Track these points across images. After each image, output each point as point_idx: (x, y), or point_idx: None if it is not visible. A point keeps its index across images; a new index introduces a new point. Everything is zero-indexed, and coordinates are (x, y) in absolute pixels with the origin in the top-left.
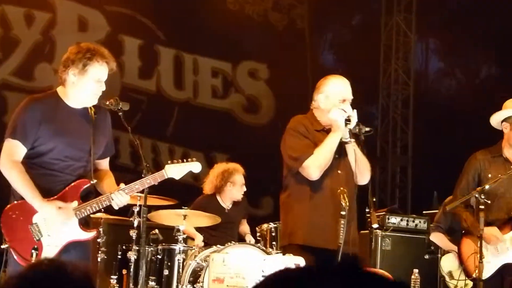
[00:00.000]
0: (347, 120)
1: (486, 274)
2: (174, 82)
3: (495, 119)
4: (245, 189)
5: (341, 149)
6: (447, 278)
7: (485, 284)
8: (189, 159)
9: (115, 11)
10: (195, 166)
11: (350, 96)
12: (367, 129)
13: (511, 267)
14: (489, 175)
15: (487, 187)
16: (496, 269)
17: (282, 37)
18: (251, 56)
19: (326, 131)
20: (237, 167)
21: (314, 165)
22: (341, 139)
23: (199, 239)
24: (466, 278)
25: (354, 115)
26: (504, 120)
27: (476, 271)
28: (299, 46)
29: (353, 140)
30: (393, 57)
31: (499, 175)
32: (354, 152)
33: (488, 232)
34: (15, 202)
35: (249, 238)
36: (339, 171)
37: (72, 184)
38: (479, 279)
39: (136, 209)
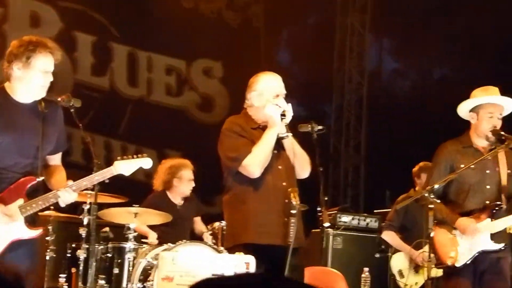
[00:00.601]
0: (283, 115)
1: (460, 262)
2: (127, 79)
3: (463, 109)
4: (193, 184)
5: (279, 145)
6: (397, 277)
7: (459, 272)
8: (140, 155)
9: (68, 7)
10: (146, 162)
11: (283, 91)
12: (320, 127)
13: (485, 255)
14: (462, 166)
15: (436, 186)
16: (471, 257)
17: (237, 35)
18: (205, 54)
19: (262, 128)
20: (183, 162)
21: (254, 163)
22: (278, 135)
23: (152, 236)
24: (437, 265)
25: (289, 109)
26: (472, 110)
27: (450, 259)
28: (254, 45)
29: (290, 134)
30: (347, 57)
31: (471, 166)
32: (292, 146)
33: (464, 222)
34: None
35: (207, 236)
36: (279, 167)
37: (18, 181)
38: (451, 267)
39: (86, 207)
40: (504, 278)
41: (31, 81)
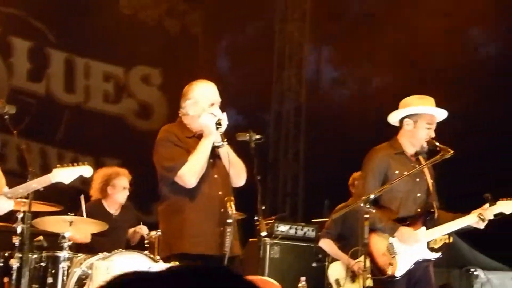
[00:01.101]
0: (218, 124)
1: (400, 272)
2: (64, 85)
3: (398, 115)
4: (127, 193)
5: (214, 153)
6: (334, 286)
7: (395, 282)
8: (80, 163)
9: (4, 12)
10: (86, 170)
11: (218, 99)
12: (258, 136)
13: (419, 264)
14: (396, 172)
15: (372, 196)
16: (410, 266)
17: (176, 42)
18: (144, 61)
19: (198, 137)
20: (118, 171)
21: (190, 173)
22: (214, 143)
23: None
24: (378, 276)
25: (224, 118)
26: (407, 117)
27: (390, 268)
28: (193, 52)
29: (225, 143)
30: (286, 65)
31: (404, 173)
32: (228, 155)
33: (406, 231)
34: None
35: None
36: (215, 176)
37: None
38: (392, 276)
39: (20, 215)
40: (433, 285)
41: None
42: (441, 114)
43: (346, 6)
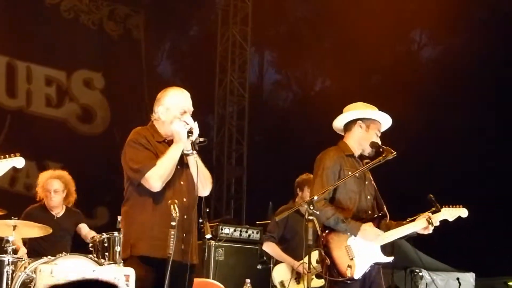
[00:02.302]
0: (189, 132)
1: (358, 274)
2: (6, 89)
3: (347, 118)
4: (58, 195)
5: (182, 161)
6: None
7: (352, 284)
8: (12, 155)
9: None
10: (18, 162)
11: (191, 108)
12: (201, 139)
13: (372, 266)
14: (349, 173)
15: (315, 198)
16: (367, 269)
17: (118, 46)
18: (86, 65)
19: (167, 142)
20: (49, 173)
21: (156, 176)
22: (183, 151)
23: (22, 251)
24: (336, 277)
25: (195, 127)
26: (361, 120)
27: (348, 271)
28: (135, 56)
29: (195, 151)
30: (229, 69)
31: (351, 173)
32: (196, 163)
33: (368, 230)
34: None
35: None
36: (181, 182)
37: None
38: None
39: None
40: (383, 286)
41: None
42: (388, 123)
43: (288, 10)
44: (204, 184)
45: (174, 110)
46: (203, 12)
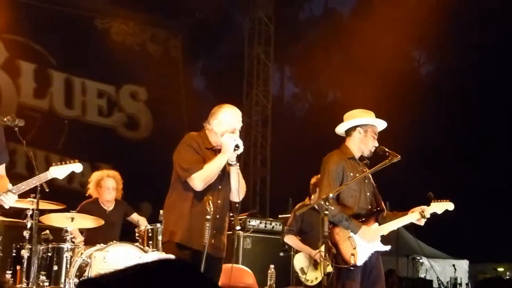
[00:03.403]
0: (236, 146)
1: (360, 261)
2: (64, 101)
3: (346, 126)
4: (113, 192)
5: (225, 169)
6: (299, 274)
7: (355, 269)
8: (72, 161)
9: (12, 39)
10: (77, 167)
11: (240, 125)
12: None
13: (373, 254)
14: (351, 174)
15: (331, 195)
16: (368, 256)
17: (159, 64)
18: (132, 80)
19: (215, 150)
20: (105, 173)
21: (201, 178)
22: (228, 161)
23: (79, 239)
24: (341, 264)
25: (241, 144)
26: (359, 126)
27: (352, 258)
28: (173, 72)
29: (238, 164)
30: (254, 83)
31: (356, 175)
32: (236, 174)
33: (366, 231)
34: None
35: (144, 223)
36: (219, 187)
37: None
38: (354, 265)
39: (29, 212)
40: (382, 272)
41: None
42: (383, 126)
43: (303, 32)
44: (241, 191)
45: (226, 125)
46: (231, 35)
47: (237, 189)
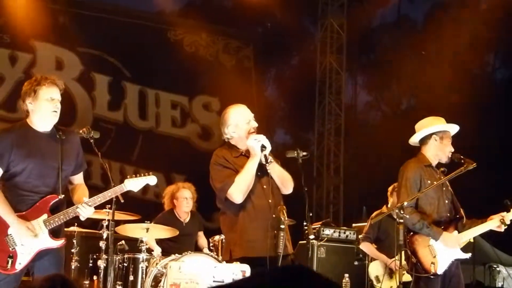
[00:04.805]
0: (263, 147)
1: (441, 270)
2: (138, 113)
3: (422, 134)
4: (189, 203)
5: (263, 169)
6: (374, 282)
7: (436, 278)
8: (146, 173)
9: (87, 52)
10: (151, 179)
11: (252, 115)
12: (304, 153)
13: (453, 263)
14: (428, 181)
15: (405, 204)
16: (448, 265)
17: (231, 75)
18: (205, 91)
19: (245, 155)
20: (180, 184)
21: (237, 191)
22: (261, 161)
23: (157, 251)
24: (422, 273)
25: (267, 143)
26: (434, 133)
27: (432, 267)
28: (246, 82)
29: (271, 161)
30: (327, 92)
31: (434, 182)
32: (274, 169)
33: (448, 237)
34: None
35: (206, 251)
36: (264, 186)
37: (42, 199)
38: (434, 274)
39: (105, 223)
40: (462, 280)
41: (42, 109)
42: (456, 130)
43: (375, 40)
44: (285, 185)
45: (242, 124)
46: (303, 43)
47: (282, 183)
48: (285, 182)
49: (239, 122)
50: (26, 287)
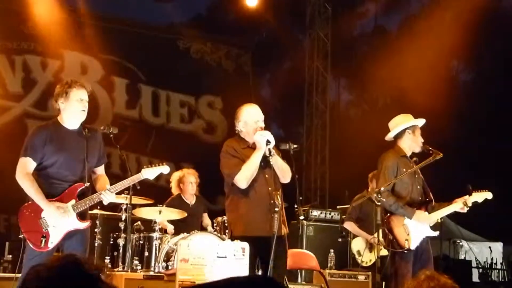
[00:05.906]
0: (268, 141)
1: (413, 246)
2: (152, 111)
3: (396, 131)
4: (194, 186)
5: (266, 160)
6: (356, 256)
7: (408, 253)
8: (160, 163)
9: (107, 58)
10: (165, 169)
11: (262, 116)
12: (295, 146)
13: (424, 239)
14: (404, 169)
15: (382, 189)
16: (420, 241)
17: (232, 78)
18: (209, 91)
19: (251, 147)
20: (185, 171)
21: (242, 178)
22: (265, 153)
23: (170, 228)
24: (397, 249)
25: (271, 138)
26: (407, 128)
27: (406, 243)
28: (245, 84)
29: (274, 154)
30: (314, 92)
31: (408, 171)
32: (276, 161)
33: (421, 215)
34: (28, 202)
35: (210, 229)
36: (266, 175)
37: (71, 187)
38: (408, 249)
39: (123, 207)
40: (431, 253)
41: (72, 108)
42: (423, 122)
43: (357, 47)
44: (284, 175)
45: (250, 122)
46: (294, 51)
47: (280, 173)
48: (284, 173)
49: (248, 120)
50: (42, 265)
